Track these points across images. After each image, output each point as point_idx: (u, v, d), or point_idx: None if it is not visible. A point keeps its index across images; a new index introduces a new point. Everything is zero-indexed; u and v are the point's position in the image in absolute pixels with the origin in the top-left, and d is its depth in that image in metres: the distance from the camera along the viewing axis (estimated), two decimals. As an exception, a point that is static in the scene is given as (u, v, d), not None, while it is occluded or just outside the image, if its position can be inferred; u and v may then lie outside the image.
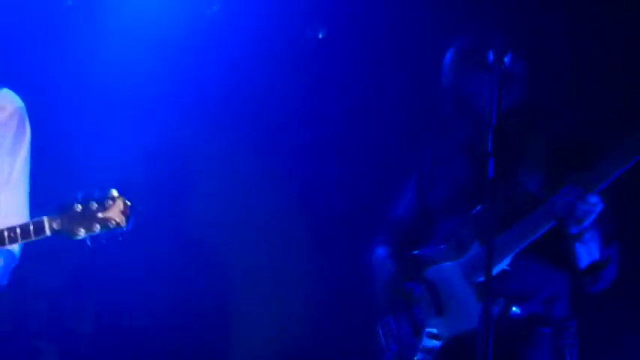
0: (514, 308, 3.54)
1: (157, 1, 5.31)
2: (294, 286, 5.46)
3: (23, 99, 3.49)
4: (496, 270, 3.44)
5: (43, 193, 3.41)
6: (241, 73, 5.40)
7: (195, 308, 5.46)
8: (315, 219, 5.45)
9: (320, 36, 5.46)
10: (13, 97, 3.47)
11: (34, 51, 5.26)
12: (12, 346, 5.29)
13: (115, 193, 3.05)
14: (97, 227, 3.02)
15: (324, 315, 5.38)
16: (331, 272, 5.34)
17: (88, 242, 3.07)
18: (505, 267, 3.56)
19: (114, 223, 3.02)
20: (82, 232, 3.04)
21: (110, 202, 3.03)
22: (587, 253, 3.49)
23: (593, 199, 3.37)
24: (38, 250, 3.33)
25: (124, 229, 3.04)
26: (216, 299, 5.53)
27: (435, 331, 3.72)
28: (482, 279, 3.39)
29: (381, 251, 4.12)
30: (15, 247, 3.31)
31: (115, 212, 3.02)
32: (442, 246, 3.81)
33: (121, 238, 3.06)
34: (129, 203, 3.04)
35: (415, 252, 3.90)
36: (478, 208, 3.62)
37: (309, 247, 5.49)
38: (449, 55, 3.85)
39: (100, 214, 3.02)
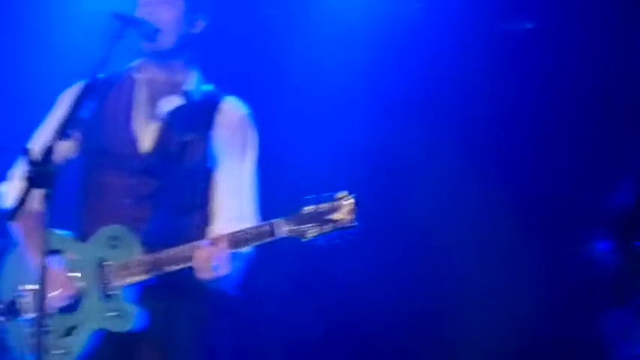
0: None
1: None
2: (507, 285, 5.35)
3: (248, 106, 3.64)
4: None
5: (274, 196, 3.52)
6: (444, 69, 5.35)
7: (410, 308, 5.45)
8: (526, 217, 5.32)
9: (527, 26, 5.36)
10: (238, 105, 3.62)
11: (254, 59, 5.46)
12: (243, 349, 5.47)
13: (343, 193, 3.12)
14: (327, 228, 3.10)
15: (539, 314, 5.24)
16: (544, 270, 5.21)
17: (321, 242, 3.14)
18: None
19: (343, 223, 3.09)
20: (312, 233, 3.12)
21: (339, 202, 3.11)
22: None
23: None
24: (267, 254, 3.45)
25: (354, 228, 3.10)
26: (430, 299, 5.51)
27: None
28: None
29: (604, 245, 4.00)
30: (247, 251, 3.41)
31: (344, 212, 3.10)
32: None
33: (350, 237, 3.12)
34: (356, 203, 3.10)
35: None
36: None
37: (521, 245, 5.37)
38: None
39: (329, 215, 3.11)
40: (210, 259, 3.21)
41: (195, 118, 3.52)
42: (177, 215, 3.46)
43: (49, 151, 2.81)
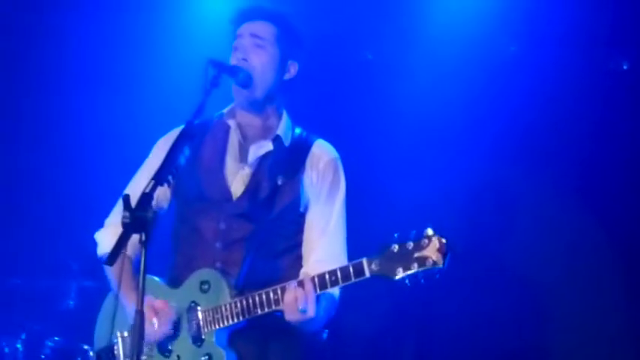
0: None
1: (456, 43, 5.42)
2: (611, 332, 5.24)
3: (338, 148, 3.65)
4: None
5: (360, 236, 3.51)
6: (540, 110, 5.34)
7: (517, 346, 5.37)
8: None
9: (624, 67, 5.29)
10: (328, 148, 3.63)
11: (342, 104, 5.51)
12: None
13: (430, 231, 3.04)
14: (415, 266, 3.03)
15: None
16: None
17: (407, 282, 3.07)
18: None
19: (431, 261, 3.01)
20: (400, 272, 3.05)
21: (426, 240, 3.03)
22: None
23: None
24: (357, 294, 3.43)
25: (442, 267, 3.02)
26: (528, 342, 5.40)
27: None
28: None
29: None
30: (335, 292, 3.42)
31: (432, 250, 3.02)
32: None
33: (438, 277, 3.04)
34: (445, 241, 3.02)
35: None
36: None
37: (629, 288, 5.27)
38: None
39: (416, 253, 3.03)
40: (296, 302, 3.20)
41: (286, 163, 3.54)
42: (269, 258, 3.48)
43: (146, 198, 2.85)
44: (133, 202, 2.84)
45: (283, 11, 3.64)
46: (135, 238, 2.83)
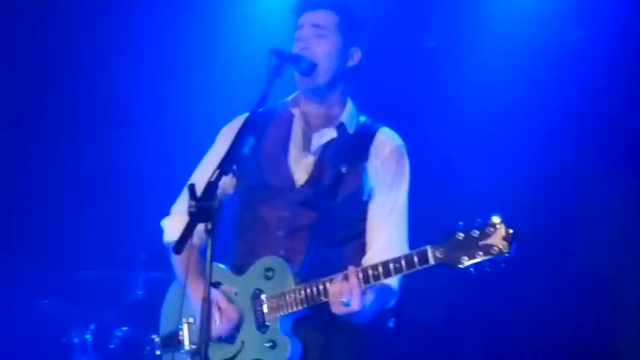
0: None
1: (521, 27, 5.35)
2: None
3: (402, 136, 3.63)
4: None
5: (425, 224, 3.47)
6: (607, 94, 5.24)
7: (578, 338, 5.29)
8: None
9: None
10: (392, 136, 3.61)
11: (405, 91, 5.48)
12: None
13: (496, 219, 3.00)
14: (480, 254, 3.00)
15: None
16: None
17: (472, 270, 3.04)
18: None
19: (497, 250, 2.98)
20: (465, 260, 3.02)
21: (492, 228, 3.00)
22: None
23: None
24: (419, 284, 3.41)
25: (507, 255, 2.98)
26: (596, 332, 5.32)
27: None
28: None
29: None
30: (393, 282, 3.40)
31: (498, 239, 2.98)
32: None
33: (504, 265, 3.00)
34: (511, 230, 2.98)
35: None
36: None
37: None
38: None
39: (482, 241, 3.00)
40: (340, 295, 3.20)
41: (350, 151, 3.53)
42: (332, 247, 3.47)
43: (211, 187, 2.87)
44: (199, 191, 2.86)
45: None
46: (200, 226, 2.84)
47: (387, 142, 3.56)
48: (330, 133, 3.55)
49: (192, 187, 2.84)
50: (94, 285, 5.79)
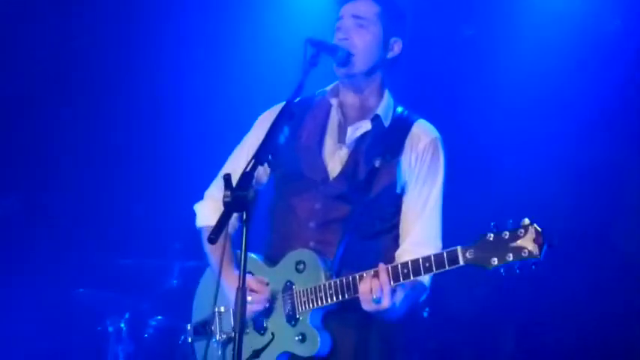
0: None
1: (559, 19, 5.29)
2: None
3: (439, 127, 3.59)
4: None
5: (459, 221, 3.46)
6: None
7: (613, 333, 5.24)
8: None
9: None
10: (428, 128, 3.57)
11: (448, 80, 5.45)
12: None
13: (527, 221, 2.97)
14: (510, 256, 2.97)
15: None
16: None
17: (502, 271, 3.01)
18: None
19: (527, 252, 2.94)
20: (495, 262, 3.00)
21: (522, 230, 2.96)
22: None
23: None
24: (450, 281, 3.40)
25: (538, 258, 2.94)
26: (622, 334, 5.26)
27: None
28: None
29: None
30: (425, 279, 3.36)
31: (528, 241, 2.95)
32: None
33: (534, 267, 2.97)
34: (541, 231, 2.94)
35: None
36: None
37: None
38: None
39: (512, 243, 2.97)
40: (371, 292, 3.17)
41: (385, 144, 3.50)
42: (365, 240, 3.45)
43: (247, 177, 2.86)
44: (234, 180, 2.85)
45: None
46: (234, 215, 2.84)
47: (422, 135, 3.52)
48: (365, 126, 3.53)
49: (227, 177, 2.84)
50: (129, 274, 5.83)
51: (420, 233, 3.43)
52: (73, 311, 5.82)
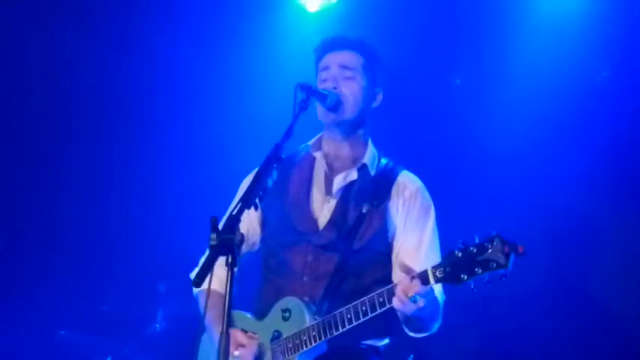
0: None
1: (546, 70, 5.33)
2: None
3: (428, 177, 3.65)
4: None
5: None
6: (632, 137, 5.22)
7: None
8: None
9: None
10: (413, 178, 3.63)
11: (429, 131, 5.49)
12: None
13: (492, 234, 3.00)
14: (479, 270, 2.99)
15: None
16: None
17: (472, 285, 3.03)
18: None
19: (495, 264, 2.97)
20: (464, 277, 3.02)
21: (488, 243, 2.99)
22: None
23: None
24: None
25: (507, 268, 2.96)
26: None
27: None
28: None
29: None
30: (439, 296, 3.37)
31: (495, 253, 2.97)
32: None
33: (504, 279, 2.99)
34: (507, 242, 2.97)
35: None
36: None
37: None
38: None
39: (479, 257, 2.99)
40: (409, 293, 3.12)
41: (372, 191, 3.54)
42: (355, 281, 3.45)
43: (233, 220, 2.86)
44: (221, 223, 2.83)
45: (368, 41, 3.67)
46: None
47: (408, 184, 3.58)
48: (351, 175, 3.57)
49: (214, 221, 2.83)
50: (111, 318, 5.78)
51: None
52: (55, 355, 5.75)
